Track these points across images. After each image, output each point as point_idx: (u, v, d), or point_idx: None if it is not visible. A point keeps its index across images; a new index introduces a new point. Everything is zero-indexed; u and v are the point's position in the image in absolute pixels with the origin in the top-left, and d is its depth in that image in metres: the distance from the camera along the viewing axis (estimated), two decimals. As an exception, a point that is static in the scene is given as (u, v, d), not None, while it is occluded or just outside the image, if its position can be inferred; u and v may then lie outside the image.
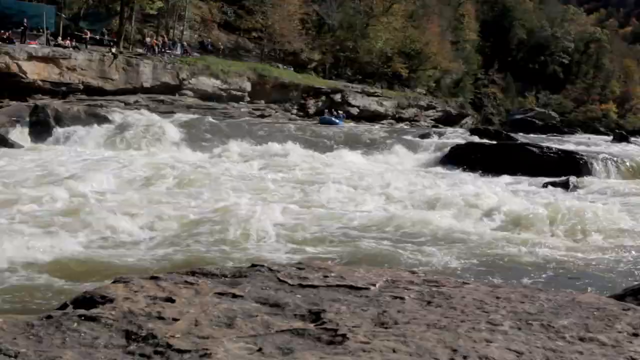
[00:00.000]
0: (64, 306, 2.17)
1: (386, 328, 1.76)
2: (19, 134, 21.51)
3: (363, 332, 1.72)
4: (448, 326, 1.75)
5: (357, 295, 2.23)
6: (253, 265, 2.69)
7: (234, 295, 2.19)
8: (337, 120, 38.14)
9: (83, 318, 1.89)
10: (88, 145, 21.19)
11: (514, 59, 79.95)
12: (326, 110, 41.81)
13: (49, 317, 1.92)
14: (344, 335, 1.69)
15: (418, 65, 58.26)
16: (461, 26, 70.20)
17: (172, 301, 2.10)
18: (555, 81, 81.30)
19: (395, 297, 2.16)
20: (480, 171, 19.85)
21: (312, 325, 1.83)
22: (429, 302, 2.10)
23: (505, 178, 18.83)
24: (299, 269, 2.60)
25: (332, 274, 2.49)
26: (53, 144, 21.20)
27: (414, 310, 1.97)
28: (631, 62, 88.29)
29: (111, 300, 2.09)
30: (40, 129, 21.75)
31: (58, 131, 21.96)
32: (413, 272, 2.61)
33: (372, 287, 2.31)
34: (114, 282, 2.35)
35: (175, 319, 1.86)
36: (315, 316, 1.93)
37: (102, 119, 23.64)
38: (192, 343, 1.67)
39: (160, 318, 1.89)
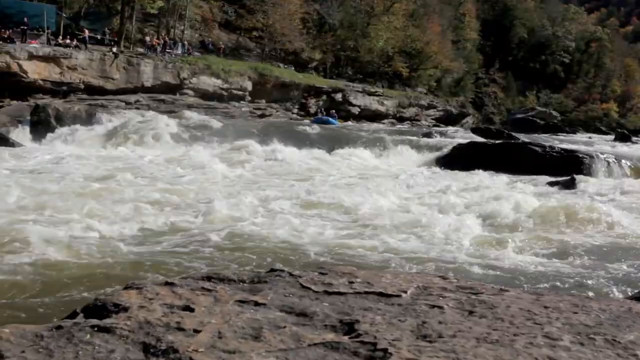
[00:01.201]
0: (73, 314, 2.03)
1: (430, 342, 1.62)
2: (20, 133, 21.43)
3: (406, 347, 1.58)
4: (501, 341, 1.61)
5: (388, 303, 2.10)
6: (272, 270, 2.57)
7: (257, 303, 2.06)
8: (332, 120, 37.31)
9: (96, 329, 1.75)
10: (89, 145, 21.08)
11: (514, 58, 79.87)
12: (319, 110, 41.21)
13: (59, 327, 1.78)
14: (385, 350, 1.55)
15: (419, 64, 58.17)
16: (462, 25, 70.13)
17: (191, 310, 1.96)
18: (556, 80, 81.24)
19: (433, 306, 2.02)
20: (482, 170, 19.75)
21: (346, 338, 1.69)
22: (470, 312, 1.95)
23: (509, 177, 18.73)
24: (322, 274, 2.46)
25: (358, 280, 2.36)
26: (54, 144, 21.10)
27: (457, 321, 1.83)
28: (632, 61, 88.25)
29: (125, 309, 1.96)
30: (41, 128, 21.66)
31: (59, 131, 21.86)
32: (444, 278, 2.46)
33: (404, 295, 2.18)
34: (125, 288, 2.21)
35: (196, 331, 1.73)
36: (348, 327, 1.79)
37: (103, 119, 23.54)
38: (217, 358, 1.54)
39: (180, 329, 1.74)
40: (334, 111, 40.87)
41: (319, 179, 16.12)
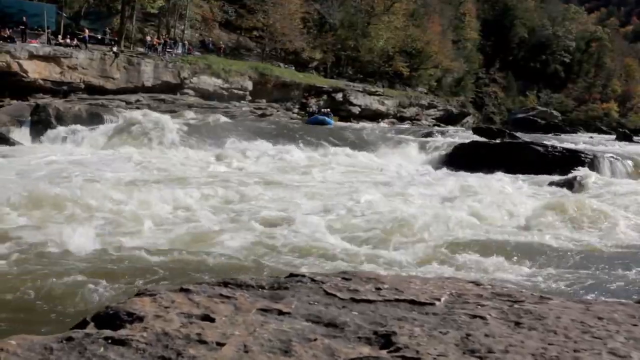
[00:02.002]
0: (83, 323, 1.90)
1: (480, 358, 1.50)
2: (20, 133, 21.33)
3: (454, 364, 1.46)
4: (562, 358, 1.48)
5: (422, 312, 1.98)
6: (292, 275, 2.44)
7: (280, 312, 1.93)
8: (328, 120, 36.22)
9: (110, 341, 1.61)
10: (90, 145, 20.97)
11: (515, 57, 79.78)
12: (315, 111, 39.88)
13: (69, 338, 1.65)
14: (431, 367, 1.44)
15: (419, 64, 58.07)
16: (462, 25, 70.04)
17: (211, 320, 1.83)
18: (556, 80, 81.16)
19: (474, 316, 1.88)
20: (484, 170, 19.65)
21: (385, 353, 1.56)
22: (517, 323, 1.81)
23: (511, 177, 18.63)
24: (345, 279, 2.33)
25: (385, 286, 2.24)
26: (54, 143, 20.99)
27: (504, 333, 1.68)
28: (632, 60, 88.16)
29: (140, 319, 1.82)
30: (41, 128, 21.55)
31: (59, 130, 21.74)
32: (477, 284, 2.32)
33: (437, 303, 2.06)
34: (137, 295, 2.08)
35: (220, 344, 1.59)
36: (385, 340, 1.66)
37: (104, 119, 23.43)
38: (247, 377, 1.41)
39: (202, 342, 1.60)
40: (328, 110, 40.02)
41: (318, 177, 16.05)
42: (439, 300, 2.11)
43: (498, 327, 1.76)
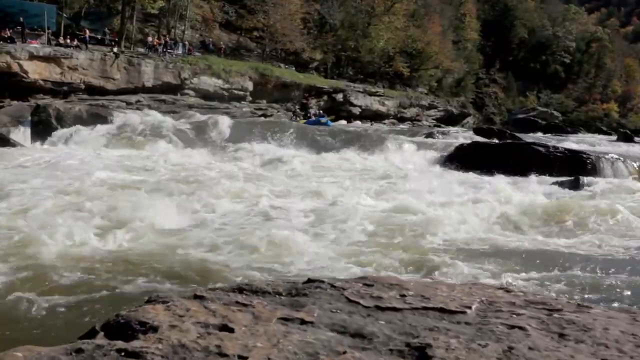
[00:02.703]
0: (92, 333, 1.78)
1: None
2: (21, 134, 21.21)
3: (503, 383, 1.35)
4: None
5: (453, 321, 1.87)
6: (310, 281, 2.33)
7: (303, 322, 1.82)
8: (325, 120, 35.28)
9: (124, 354, 1.49)
10: (90, 145, 20.86)
11: (515, 58, 79.80)
12: (314, 114, 38.89)
13: (79, 350, 1.54)
14: (477, 386, 1.34)
15: (420, 64, 58.04)
16: (462, 25, 70.05)
17: (231, 330, 1.72)
18: (556, 80, 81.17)
19: (512, 326, 1.77)
20: (486, 170, 19.56)
21: (422, 367, 1.48)
22: (561, 335, 1.69)
23: (513, 177, 18.54)
24: (367, 285, 2.22)
25: (410, 293, 2.13)
26: (54, 144, 20.89)
27: (550, 347, 1.56)
28: (632, 61, 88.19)
29: (154, 329, 1.71)
30: (42, 128, 21.45)
31: (60, 131, 21.65)
32: (508, 291, 2.21)
33: (468, 311, 1.95)
34: (148, 302, 1.96)
35: (242, 357, 1.47)
36: (419, 353, 1.54)
37: (104, 119, 23.32)
38: (274, 394, 1.31)
39: (222, 355, 1.48)
40: (321, 111, 39.55)
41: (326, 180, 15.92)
42: (469, 308, 2.01)
43: (541, 338, 1.64)
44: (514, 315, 1.94)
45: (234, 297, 2.05)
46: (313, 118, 35.73)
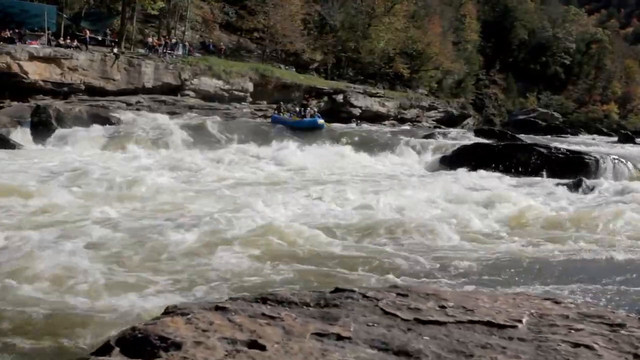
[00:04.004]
0: (107, 348, 1.68)
1: None
2: (21, 134, 21.19)
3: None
4: None
5: (504, 336, 1.72)
6: (338, 290, 2.20)
7: (339, 337, 1.67)
8: (321, 122, 30.34)
9: None
10: (90, 146, 20.83)
11: (515, 59, 79.72)
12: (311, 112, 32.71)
13: None
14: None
15: (420, 65, 57.95)
16: (462, 26, 69.95)
17: (262, 348, 1.58)
18: (556, 82, 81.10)
19: (576, 344, 1.63)
20: (487, 172, 19.54)
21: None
22: (637, 357, 1.57)
23: (515, 179, 18.52)
24: (401, 295, 2.10)
25: (450, 304, 2.01)
26: (55, 145, 20.86)
27: None
28: (632, 62, 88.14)
29: (177, 346, 1.57)
30: (42, 129, 21.43)
31: (60, 132, 21.62)
32: (556, 302, 2.10)
33: (519, 325, 1.82)
34: (166, 313, 1.86)
35: None
36: None
37: (105, 120, 23.30)
38: None
39: None
40: (310, 109, 33.69)
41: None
42: (519, 321, 1.89)
43: (615, 360, 1.51)
44: (573, 331, 1.82)
45: (259, 309, 1.95)
46: (308, 118, 31.22)
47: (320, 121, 30.05)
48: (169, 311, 1.93)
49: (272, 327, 1.78)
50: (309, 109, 33.65)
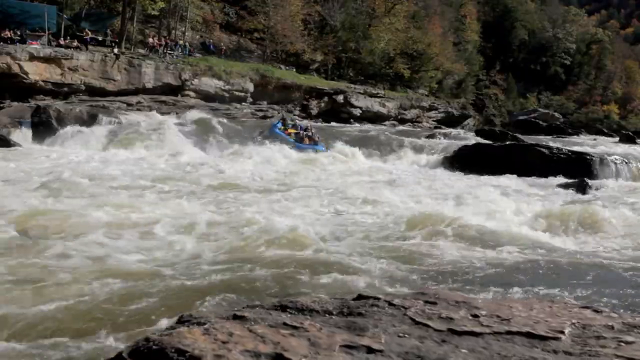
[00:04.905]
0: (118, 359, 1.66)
1: None
2: (21, 134, 21.13)
3: None
4: None
5: (548, 349, 1.59)
6: (361, 297, 2.08)
7: (370, 350, 1.55)
8: (321, 148, 24.76)
9: None
10: (91, 147, 20.75)
11: (515, 60, 79.62)
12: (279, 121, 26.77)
13: None
14: None
15: (420, 66, 57.86)
16: (463, 27, 69.91)
17: None
18: (556, 82, 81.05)
19: None
20: (489, 172, 19.47)
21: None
22: None
23: (517, 179, 18.46)
24: (429, 302, 1.98)
25: (482, 312, 1.88)
26: (55, 145, 20.77)
27: None
28: (633, 63, 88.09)
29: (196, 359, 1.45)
30: (42, 129, 21.35)
31: (60, 132, 21.55)
32: (596, 310, 2.00)
33: (562, 337, 1.70)
34: (181, 321, 1.75)
35: None
36: None
37: (105, 120, 23.22)
38: None
39: None
40: (312, 130, 26.45)
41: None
42: (562, 333, 1.76)
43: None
44: (623, 344, 1.69)
45: (279, 317, 1.83)
46: (301, 135, 24.93)
47: (322, 149, 24.65)
48: (183, 320, 1.80)
49: (297, 338, 1.67)
50: (309, 131, 26.19)
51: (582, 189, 16.57)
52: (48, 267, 6.34)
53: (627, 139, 35.35)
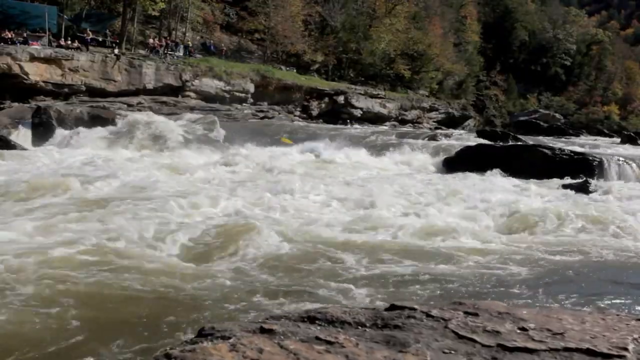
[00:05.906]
0: None
1: None
2: (21, 135, 21.02)
3: None
4: None
5: None
6: (394, 307, 1.93)
7: None
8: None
9: None
10: (91, 147, 20.65)
11: (515, 60, 79.59)
12: None
13: None
14: None
15: (421, 66, 57.79)
16: (463, 28, 69.87)
17: None
18: (557, 83, 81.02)
19: None
20: (491, 173, 19.37)
21: None
22: None
23: (519, 180, 18.35)
24: (470, 314, 1.83)
25: (531, 325, 1.73)
26: (55, 145, 20.68)
27: None
28: (633, 63, 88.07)
29: None
30: (42, 130, 21.25)
31: (61, 133, 21.45)
32: None
33: (627, 354, 1.56)
34: (201, 335, 1.60)
35: None
36: None
37: (105, 121, 23.11)
38: None
39: None
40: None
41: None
42: (625, 350, 1.60)
43: None
44: None
45: (309, 330, 1.68)
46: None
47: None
48: (205, 333, 1.65)
49: (333, 355, 1.51)
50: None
51: (583, 189, 16.45)
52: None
53: (629, 140, 35.17)
